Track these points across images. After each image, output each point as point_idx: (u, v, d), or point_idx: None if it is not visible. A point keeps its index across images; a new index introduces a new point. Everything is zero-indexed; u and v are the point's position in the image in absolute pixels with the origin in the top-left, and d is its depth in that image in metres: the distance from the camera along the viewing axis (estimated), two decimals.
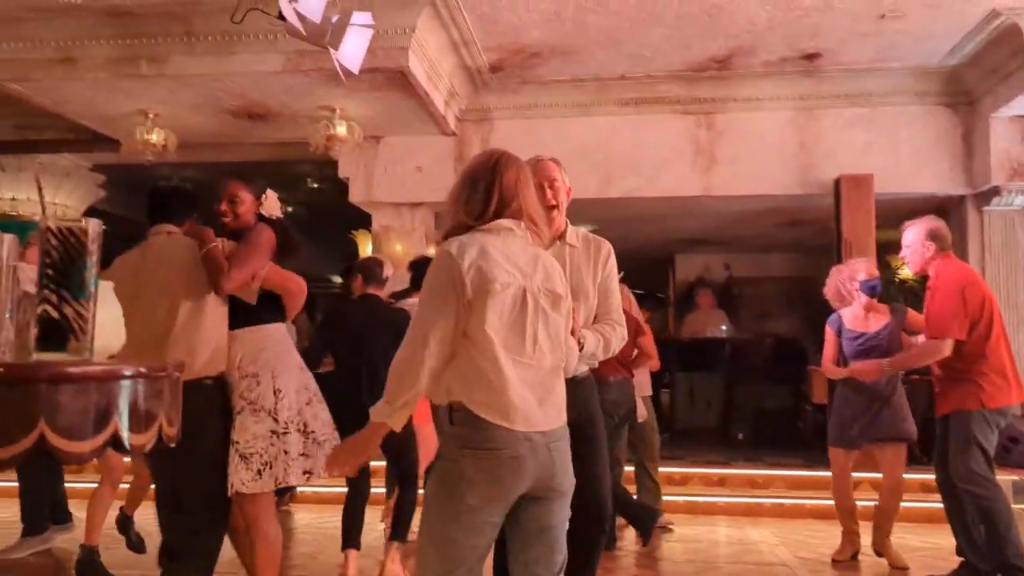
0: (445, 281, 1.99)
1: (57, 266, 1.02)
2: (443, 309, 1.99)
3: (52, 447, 0.84)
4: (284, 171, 8.81)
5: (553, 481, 2.02)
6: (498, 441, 1.94)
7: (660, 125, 6.92)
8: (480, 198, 2.07)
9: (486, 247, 2.02)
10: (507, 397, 1.95)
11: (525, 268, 2.05)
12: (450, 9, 5.46)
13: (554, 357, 2.08)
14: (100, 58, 5.67)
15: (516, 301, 2.02)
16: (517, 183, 2.10)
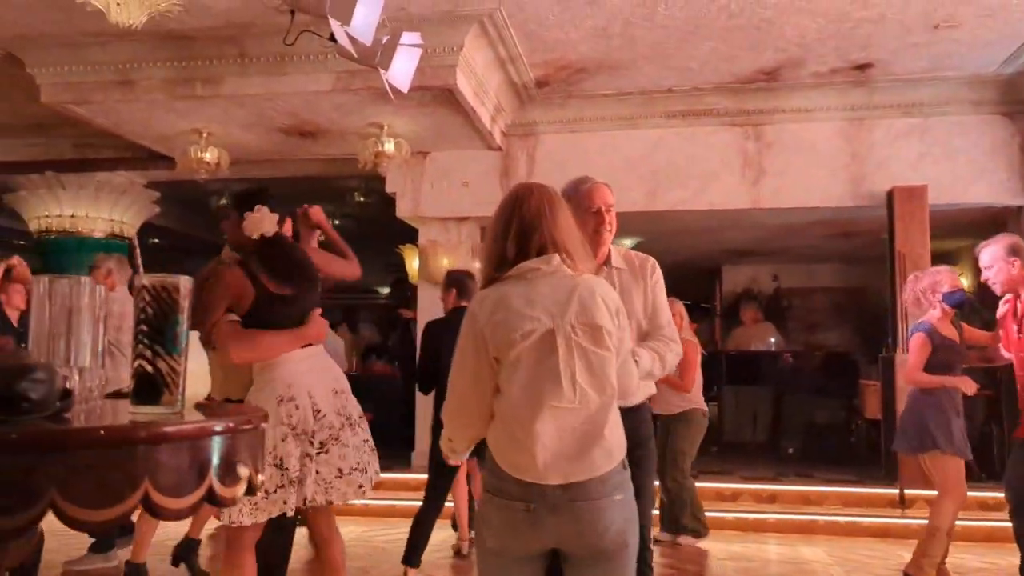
0: (469, 341, 1.95)
1: (151, 323, 1.05)
2: (472, 370, 1.94)
3: (155, 505, 0.86)
4: (332, 186, 8.96)
5: (584, 539, 1.88)
6: (512, 492, 1.89)
7: (708, 137, 6.88)
8: (500, 243, 1.97)
9: (507, 297, 1.92)
10: (527, 450, 1.86)
11: (553, 308, 1.91)
12: (497, 27, 5.49)
13: (602, 395, 1.92)
14: (157, 80, 5.82)
15: (543, 346, 1.89)
16: (540, 208, 1.97)
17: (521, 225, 1.96)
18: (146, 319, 1.06)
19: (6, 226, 10.37)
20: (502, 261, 1.97)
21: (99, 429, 0.90)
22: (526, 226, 1.95)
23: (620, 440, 1.96)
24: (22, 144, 7.68)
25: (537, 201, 1.98)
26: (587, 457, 1.88)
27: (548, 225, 1.96)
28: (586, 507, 1.86)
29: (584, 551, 1.88)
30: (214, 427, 0.96)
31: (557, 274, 1.94)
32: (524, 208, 1.97)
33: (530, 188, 2.03)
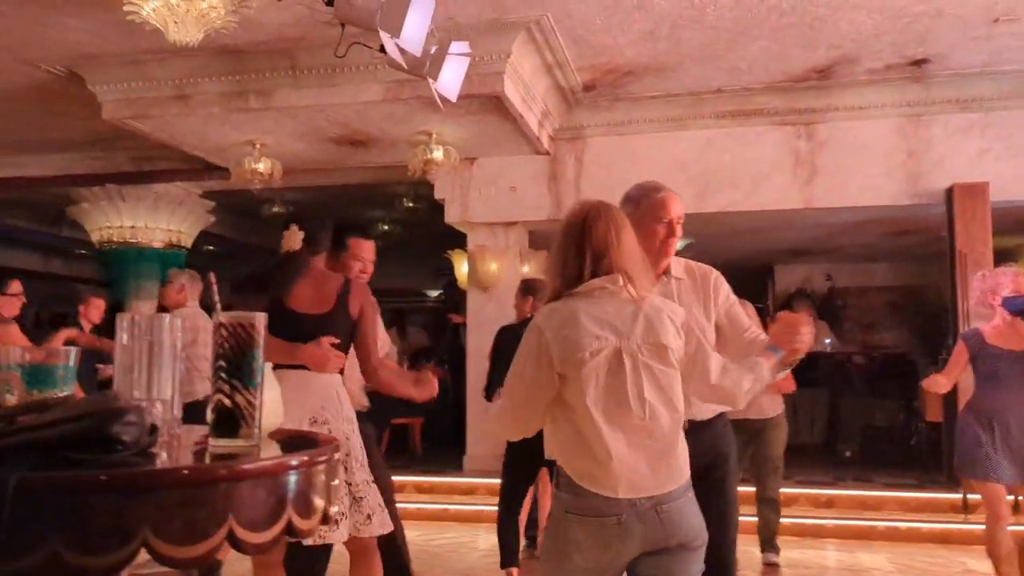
0: (533, 353, 1.98)
1: (229, 358, 1.08)
2: (531, 380, 1.99)
3: (239, 540, 0.89)
4: (381, 192, 9.06)
5: (669, 540, 1.94)
6: (601, 509, 1.92)
7: (758, 137, 6.79)
8: (572, 262, 2.02)
9: (576, 313, 1.96)
10: (609, 467, 1.91)
11: (621, 327, 1.97)
12: (544, 33, 5.50)
13: (671, 412, 1.97)
14: (212, 94, 5.95)
15: (611, 365, 1.94)
16: (607, 235, 2.01)
17: (591, 248, 2.00)
18: (224, 354, 1.09)
19: (70, 237, 10.72)
20: (570, 279, 2.02)
21: (183, 469, 0.93)
22: (595, 250, 2.00)
23: (687, 450, 2.03)
24: (84, 158, 7.93)
25: (605, 227, 2.02)
26: (663, 471, 1.95)
27: (614, 252, 2.01)
28: (670, 511, 1.94)
29: (668, 549, 1.95)
30: (291, 462, 0.99)
31: (622, 294, 2.00)
32: (593, 232, 2.01)
33: (598, 211, 2.05)
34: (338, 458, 1.08)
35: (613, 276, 1.99)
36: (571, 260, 2.02)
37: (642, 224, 2.49)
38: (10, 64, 5.87)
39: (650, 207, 2.56)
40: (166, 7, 4.41)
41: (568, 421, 1.97)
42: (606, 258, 2.00)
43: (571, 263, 2.02)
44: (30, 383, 1.16)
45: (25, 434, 0.82)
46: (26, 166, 8.04)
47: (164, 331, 1.12)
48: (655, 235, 2.55)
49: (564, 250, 2.04)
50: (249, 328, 1.09)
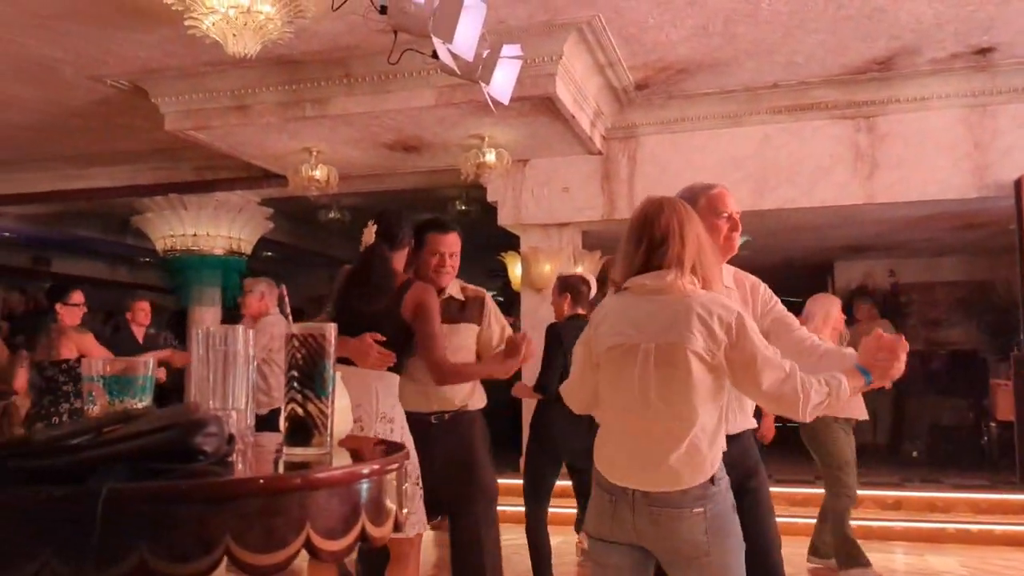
0: (583, 343, 2.18)
1: (301, 368, 1.11)
2: (580, 369, 2.19)
3: (316, 548, 0.91)
4: (433, 196, 9.13)
5: (664, 541, 1.96)
6: (603, 484, 2.07)
7: (816, 132, 6.65)
8: (631, 256, 2.06)
9: (613, 308, 2.09)
10: (612, 455, 2.06)
11: (644, 325, 2.00)
12: (596, 33, 5.47)
13: (682, 412, 1.96)
14: (269, 104, 6.07)
15: (625, 361, 2.02)
16: (668, 227, 2.00)
17: (650, 243, 2.02)
18: (296, 365, 1.11)
19: (135, 245, 11.05)
20: (629, 273, 2.07)
21: (259, 479, 0.95)
22: (654, 244, 2.02)
23: (713, 458, 1.98)
24: (147, 168, 8.16)
25: (667, 219, 2.02)
26: (663, 469, 1.95)
27: (676, 244, 2.00)
28: (662, 514, 1.96)
29: (662, 554, 2.00)
30: (363, 471, 1.00)
31: (663, 292, 1.99)
32: (654, 226, 2.02)
33: (660, 205, 2.06)
34: (406, 465, 1.09)
35: (658, 272, 1.99)
36: (631, 253, 2.06)
37: (703, 222, 2.41)
38: (79, 81, 6.07)
39: (708, 203, 2.54)
40: (225, 20, 4.52)
41: (598, 405, 2.15)
42: (663, 249, 2.00)
43: (630, 256, 2.06)
44: (112, 392, 1.20)
45: (113, 446, 0.85)
46: (94, 178, 8.32)
47: (238, 342, 1.15)
48: (718, 230, 2.53)
49: (625, 246, 2.10)
50: (320, 339, 1.11)
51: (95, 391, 1.20)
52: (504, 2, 4.92)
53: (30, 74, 5.95)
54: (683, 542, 1.93)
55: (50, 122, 7.03)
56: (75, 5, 4.87)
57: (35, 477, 0.83)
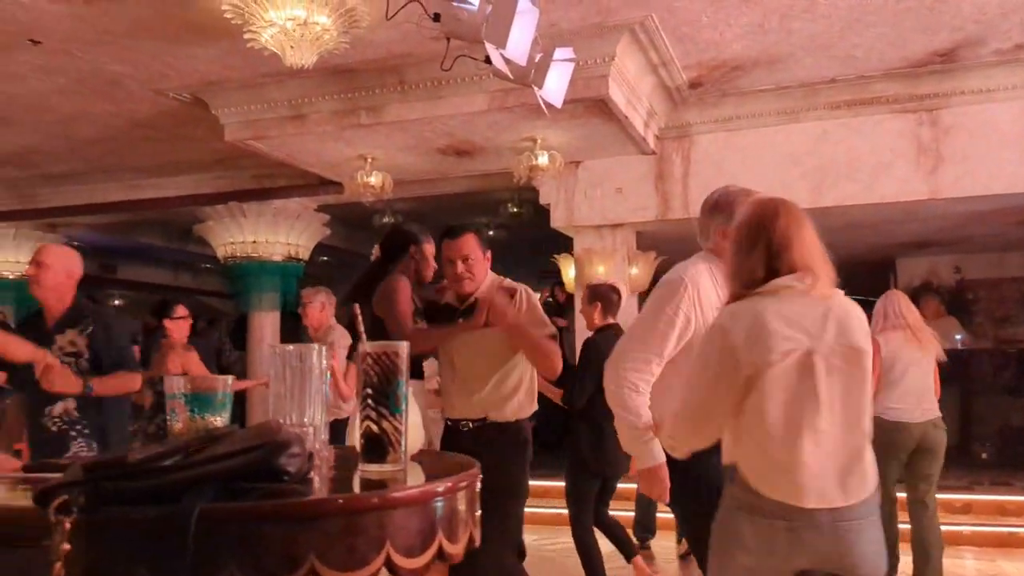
0: (715, 355, 1.93)
1: (375, 386, 1.13)
2: (713, 383, 1.93)
3: (396, 566, 0.93)
4: (485, 199, 9.18)
5: (843, 559, 1.84)
6: (773, 511, 1.85)
7: (877, 126, 6.50)
8: (750, 261, 1.94)
9: (763, 313, 1.89)
10: (795, 476, 1.84)
11: (811, 328, 1.89)
12: (649, 33, 5.44)
13: (861, 418, 1.89)
14: (325, 112, 6.17)
15: (802, 368, 1.86)
16: (787, 231, 1.93)
17: (771, 245, 1.93)
18: (370, 383, 1.13)
19: (197, 252, 11.33)
20: (751, 279, 1.95)
21: (339, 498, 0.97)
22: (777, 246, 1.92)
23: (875, 462, 1.94)
24: (208, 178, 8.37)
25: (786, 222, 1.95)
26: (850, 481, 1.87)
27: (796, 249, 1.93)
28: (848, 528, 1.84)
29: (841, 571, 1.86)
30: (438, 488, 1.02)
31: (810, 294, 1.91)
32: (774, 228, 1.94)
33: (776, 208, 1.98)
34: (477, 483, 1.11)
35: (799, 274, 1.91)
36: (749, 259, 1.95)
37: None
38: (143, 94, 6.26)
39: None
40: (283, 33, 4.61)
41: (752, 426, 1.90)
42: (786, 254, 1.91)
43: (749, 262, 1.95)
44: (192, 409, 1.24)
45: (202, 467, 0.88)
46: (158, 188, 8.56)
47: (313, 359, 1.18)
48: None
49: (742, 249, 1.98)
50: (394, 357, 1.13)
51: (177, 408, 1.24)
52: (556, 5, 4.92)
53: (99, 89, 6.16)
54: (867, 555, 1.87)
55: (117, 135, 7.26)
56: (142, 22, 5.02)
57: (128, 498, 0.86)
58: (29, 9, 4.81)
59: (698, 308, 2.45)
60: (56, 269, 3.54)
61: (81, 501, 0.82)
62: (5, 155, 7.93)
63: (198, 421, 1.23)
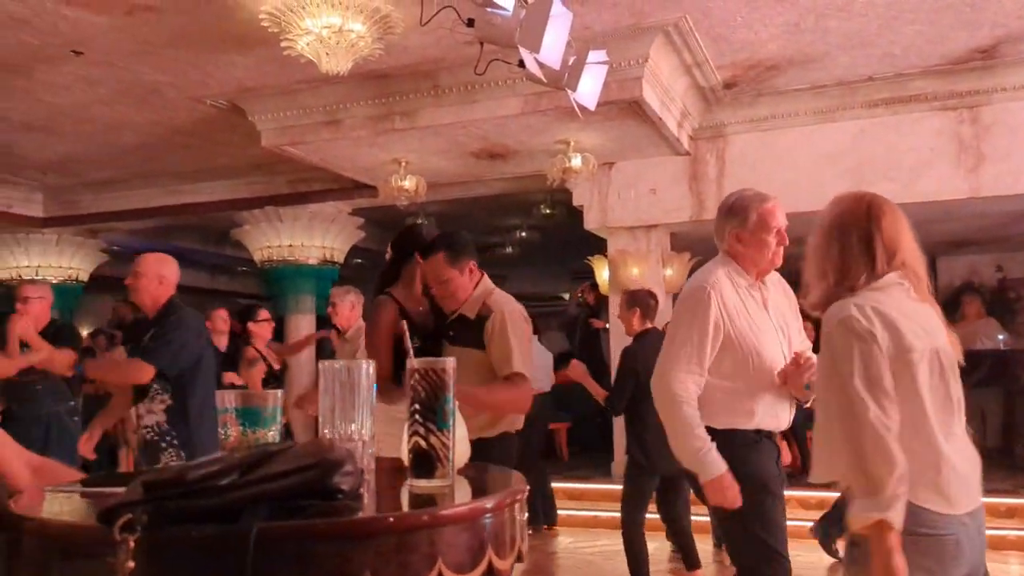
0: (873, 356, 1.74)
1: (423, 402, 1.14)
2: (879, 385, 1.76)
3: None
4: (517, 200, 9.19)
5: (979, 568, 1.80)
6: (938, 525, 1.73)
7: (916, 124, 6.40)
8: (858, 257, 1.84)
9: (888, 311, 1.77)
10: (945, 477, 1.73)
11: (929, 328, 1.82)
12: (683, 34, 5.41)
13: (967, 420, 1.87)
14: (360, 117, 6.22)
15: (934, 368, 1.78)
16: (896, 227, 1.86)
17: (882, 241, 1.84)
18: (418, 399, 1.15)
19: (234, 255, 11.49)
20: (856, 274, 1.85)
21: (389, 517, 0.99)
22: (887, 244, 1.84)
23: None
24: (245, 183, 8.49)
25: (892, 219, 1.88)
26: (977, 481, 1.82)
27: (906, 244, 1.87)
28: (982, 528, 1.82)
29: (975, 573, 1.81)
30: (487, 505, 1.03)
31: (912, 294, 1.85)
32: (882, 224, 1.86)
33: (880, 202, 1.91)
34: (524, 498, 1.12)
35: (903, 273, 1.84)
36: (856, 255, 1.84)
37: (753, 236, 2.58)
38: (182, 102, 6.37)
39: (759, 219, 2.59)
40: (319, 40, 4.67)
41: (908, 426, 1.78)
42: (898, 254, 1.84)
43: (857, 258, 1.84)
44: (243, 424, 1.27)
45: (259, 486, 0.90)
46: (196, 193, 8.70)
47: (361, 376, 1.20)
48: (766, 246, 2.59)
49: (846, 244, 1.86)
50: (440, 373, 1.14)
51: (228, 422, 1.27)
52: (590, 8, 4.92)
53: (139, 97, 6.27)
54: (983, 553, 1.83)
55: (156, 142, 7.39)
56: (181, 32, 5.10)
57: (186, 516, 0.88)
58: (73, 22, 4.91)
59: (724, 313, 2.49)
60: (149, 276, 3.74)
61: (144, 520, 0.84)
62: (49, 163, 8.11)
63: (249, 435, 1.26)
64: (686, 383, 2.47)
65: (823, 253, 1.91)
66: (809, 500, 6.33)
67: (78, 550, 0.92)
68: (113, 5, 4.73)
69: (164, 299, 3.78)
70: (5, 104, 6.37)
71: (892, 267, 1.84)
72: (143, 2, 4.70)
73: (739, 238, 2.60)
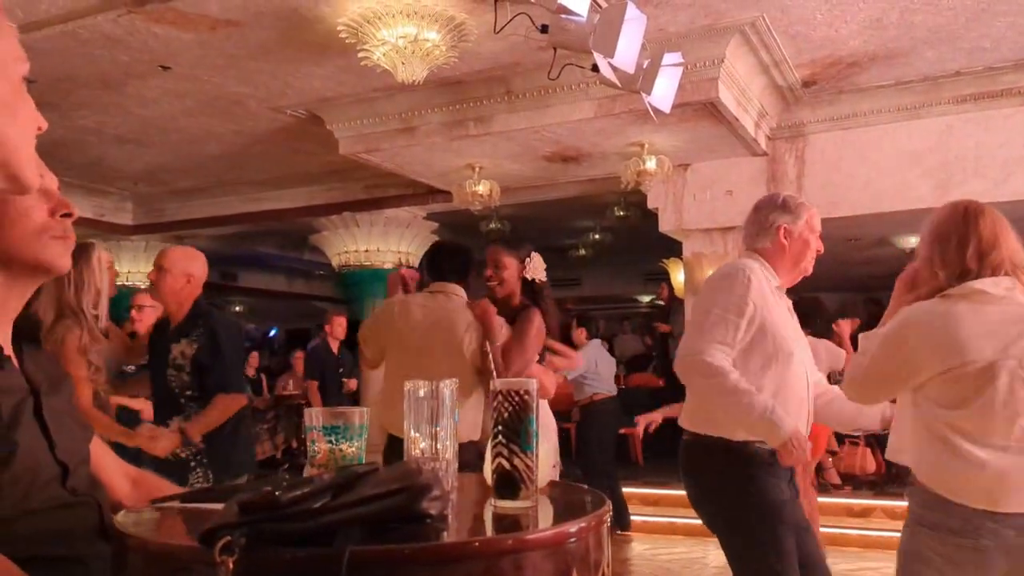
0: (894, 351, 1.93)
1: (507, 423, 1.15)
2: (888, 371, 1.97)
3: None
4: (591, 203, 9.15)
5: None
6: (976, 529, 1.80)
7: (1007, 120, 6.12)
8: (952, 259, 1.91)
9: (950, 317, 1.86)
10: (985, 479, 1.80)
11: (1002, 338, 1.83)
12: (760, 34, 5.30)
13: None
14: (434, 124, 6.30)
15: (988, 379, 1.81)
16: (994, 230, 1.90)
17: (976, 243, 1.90)
18: (502, 420, 1.16)
19: (311, 260, 11.78)
20: (948, 276, 1.92)
21: (475, 542, 1.00)
22: (984, 244, 1.89)
23: None
24: (322, 190, 8.68)
25: (990, 221, 1.92)
26: None
27: (1007, 245, 1.90)
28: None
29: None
30: (571, 529, 1.03)
31: (1006, 300, 1.86)
32: (979, 226, 1.91)
33: (979, 206, 1.98)
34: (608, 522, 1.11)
35: (996, 279, 1.86)
36: (950, 256, 1.92)
37: (801, 235, 2.57)
38: (263, 112, 6.56)
39: (810, 220, 2.61)
40: (394, 50, 4.75)
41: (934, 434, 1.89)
42: (993, 254, 1.88)
43: (951, 259, 1.92)
44: (331, 439, 1.30)
45: (351, 510, 0.92)
46: (276, 200, 8.95)
47: (445, 395, 1.21)
48: (809, 248, 2.59)
49: (943, 246, 1.94)
50: (524, 394, 1.15)
51: (316, 438, 1.30)
52: (664, 10, 4.87)
53: (221, 109, 6.49)
54: None
55: (237, 151, 7.62)
56: (262, 45, 5.25)
57: (281, 538, 0.91)
58: (161, 39, 5.11)
59: (761, 300, 2.41)
60: (175, 273, 3.32)
61: (242, 542, 0.87)
62: (138, 173, 8.45)
63: (336, 452, 1.29)
64: (722, 352, 2.35)
65: (929, 255, 1.98)
66: (895, 510, 6.14)
67: (179, 569, 0.95)
68: (198, 22, 4.90)
69: (191, 301, 3.36)
70: (99, 118, 6.67)
71: (986, 269, 1.87)
72: (226, 17, 4.86)
73: (788, 233, 2.56)
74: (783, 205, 2.60)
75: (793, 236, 2.56)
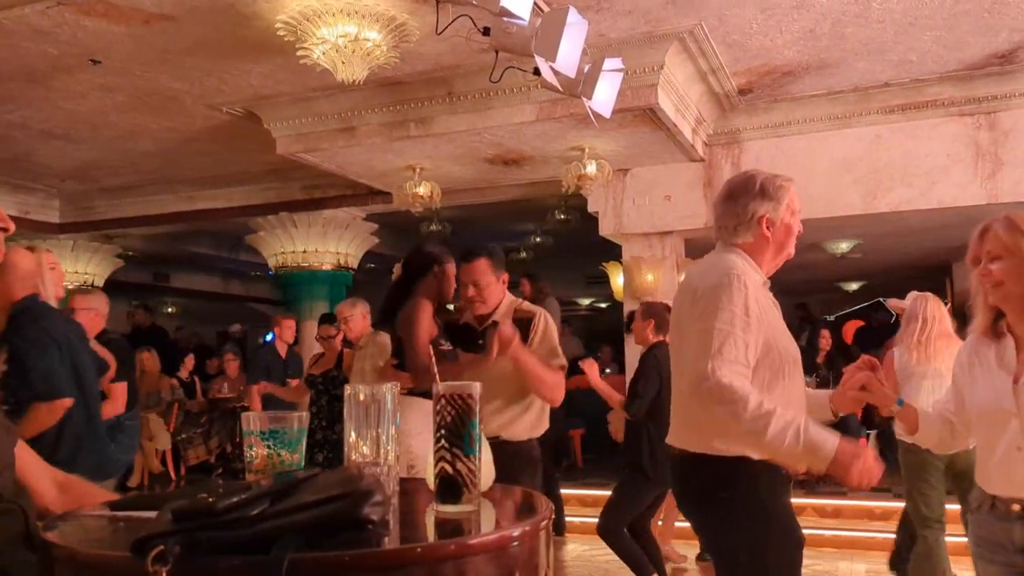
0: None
1: (449, 427, 1.14)
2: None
3: None
4: (532, 206, 9.20)
5: None
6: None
7: (932, 130, 6.36)
8: None
9: None
10: None
11: None
12: (698, 42, 5.40)
13: None
14: (375, 125, 6.24)
15: None
16: None
17: None
18: (444, 424, 1.15)
19: (248, 260, 11.55)
20: None
21: (417, 547, 0.99)
22: None
23: None
24: (259, 189, 8.52)
25: None
26: None
27: None
28: None
29: None
30: (514, 533, 1.03)
31: None
32: None
33: None
34: (549, 521, 1.11)
35: None
36: None
37: (783, 222, 2.28)
38: (198, 109, 6.40)
39: (790, 202, 2.30)
40: (334, 49, 4.68)
41: None
42: None
43: None
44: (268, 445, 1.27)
45: (289, 517, 0.90)
46: (211, 199, 8.74)
47: (385, 399, 1.20)
48: (792, 234, 2.33)
49: None
50: (467, 399, 1.14)
51: (254, 443, 1.27)
52: (605, 16, 4.92)
53: (156, 105, 6.31)
54: None
55: (171, 148, 7.43)
56: (198, 41, 5.13)
57: (218, 547, 0.88)
58: (91, 32, 4.95)
59: (759, 307, 2.13)
60: None
61: (177, 551, 0.84)
62: (66, 170, 8.17)
63: (274, 458, 1.26)
64: (740, 374, 2.05)
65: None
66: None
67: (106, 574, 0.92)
68: (131, 15, 4.76)
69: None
70: (24, 112, 6.43)
71: None
72: (160, 12, 4.73)
73: (771, 224, 2.26)
74: (761, 191, 2.25)
75: (776, 225, 2.26)
